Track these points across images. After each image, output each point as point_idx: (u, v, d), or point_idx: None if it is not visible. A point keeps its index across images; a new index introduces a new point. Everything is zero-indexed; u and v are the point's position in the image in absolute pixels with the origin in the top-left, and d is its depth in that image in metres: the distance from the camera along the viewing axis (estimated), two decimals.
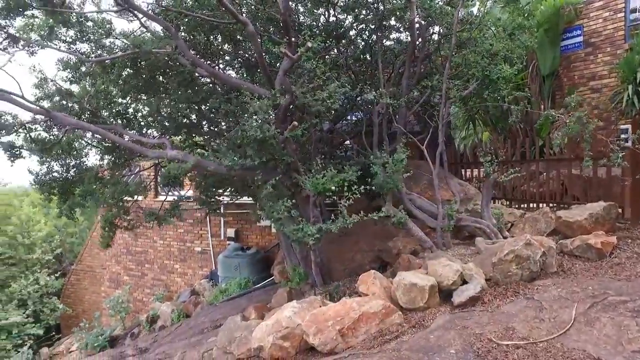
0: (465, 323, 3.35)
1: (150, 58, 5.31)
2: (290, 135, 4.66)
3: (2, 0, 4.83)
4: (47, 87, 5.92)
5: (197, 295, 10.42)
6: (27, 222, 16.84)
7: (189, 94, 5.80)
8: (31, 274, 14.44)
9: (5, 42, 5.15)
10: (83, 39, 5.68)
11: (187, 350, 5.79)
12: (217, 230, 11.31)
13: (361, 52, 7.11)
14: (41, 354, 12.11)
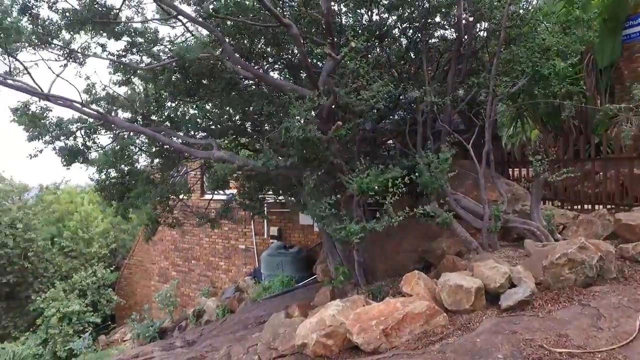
0: (513, 328, 3.24)
1: (196, 64, 5.51)
2: (334, 135, 4.69)
3: (65, 18, 5.18)
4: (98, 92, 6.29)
5: (241, 292, 10.71)
6: (86, 219, 17.96)
7: (233, 97, 5.98)
8: (90, 266, 15.40)
9: (65, 55, 5.53)
10: (133, 49, 5.99)
11: (232, 344, 5.97)
12: (261, 229, 11.56)
13: (404, 50, 7.03)
14: (99, 341, 12.90)
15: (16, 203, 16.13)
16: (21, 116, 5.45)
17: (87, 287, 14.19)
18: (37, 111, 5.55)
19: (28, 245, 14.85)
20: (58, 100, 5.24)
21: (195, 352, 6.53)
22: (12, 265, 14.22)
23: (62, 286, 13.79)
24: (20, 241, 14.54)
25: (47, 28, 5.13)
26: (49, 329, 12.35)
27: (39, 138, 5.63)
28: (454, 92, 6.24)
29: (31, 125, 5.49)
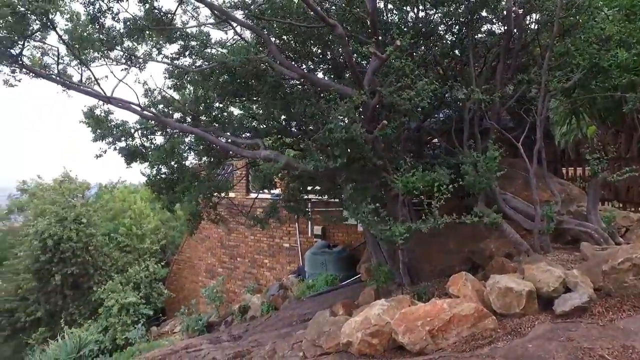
0: (570, 335, 3.10)
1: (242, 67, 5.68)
2: (380, 135, 4.67)
3: (126, 27, 5.53)
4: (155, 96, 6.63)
5: (285, 290, 10.88)
6: (139, 216, 18.92)
7: (278, 97, 6.10)
8: (142, 261, 16.19)
9: (125, 61, 5.90)
10: (185, 52, 6.27)
11: (277, 340, 6.09)
12: (305, 228, 11.69)
13: (450, 47, 6.88)
14: (151, 332, 13.56)
15: (79, 200, 17.27)
16: (88, 119, 5.87)
17: (141, 280, 14.95)
18: (101, 114, 5.96)
19: (89, 239, 15.84)
20: (119, 103, 5.61)
21: (241, 347, 6.71)
22: (76, 258, 15.21)
23: (119, 279, 14.62)
24: (82, 236, 15.54)
25: (111, 36, 5.49)
26: (109, 318, 13.15)
27: (102, 139, 6.04)
28: (502, 88, 6.03)
29: (96, 127, 5.90)
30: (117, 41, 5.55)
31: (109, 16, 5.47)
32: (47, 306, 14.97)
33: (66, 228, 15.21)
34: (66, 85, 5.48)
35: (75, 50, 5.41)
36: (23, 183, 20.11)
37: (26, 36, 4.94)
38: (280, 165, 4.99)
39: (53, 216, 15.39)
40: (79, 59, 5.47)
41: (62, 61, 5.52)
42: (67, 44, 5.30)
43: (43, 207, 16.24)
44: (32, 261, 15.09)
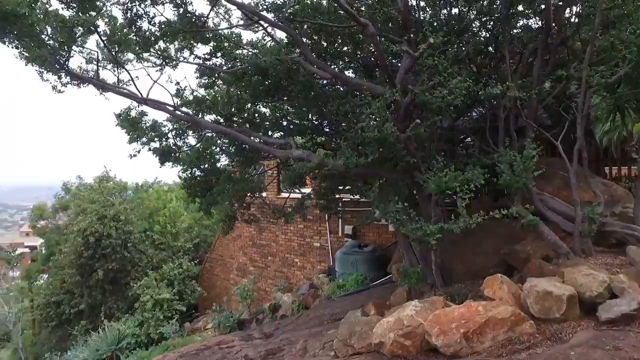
0: (616, 343, 2.95)
1: (273, 67, 5.74)
2: (412, 134, 4.62)
3: (161, 29, 5.73)
4: (187, 96, 6.80)
5: (315, 289, 10.92)
6: (173, 214, 19.48)
7: (310, 97, 6.12)
8: (176, 259, 16.65)
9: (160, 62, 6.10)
10: (217, 53, 6.41)
11: (308, 339, 6.13)
12: (336, 227, 11.69)
13: (484, 44, 6.71)
14: (185, 327, 13.94)
15: (118, 199, 17.95)
16: (123, 121, 6.10)
17: (175, 277, 15.37)
18: (135, 116, 6.18)
19: (127, 237, 16.45)
20: (154, 103, 5.79)
21: (273, 345, 6.78)
22: (116, 254, 15.85)
23: (154, 275, 15.08)
24: (121, 233, 16.16)
25: (147, 39, 5.70)
26: (144, 313, 13.61)
27: (137, 140, 6.26)
28: (539, 85, 5.83)
29: (131, 129, 6.12)
30: (152, 43, 5.72)
31: (145, 20, 5.66)
32: (89, 300, 15.66)
33: (106, 226, 15.85)
34: (104, 87, 5.71)
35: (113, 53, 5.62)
36: (66, 183, 21.08)
37: (71, 45, 5.19)
38: (313, 164, 5.01)
39: (94, 214, 16.08)
40: (116, 62, 5.69)
41: (100, 65, 5.77)
42: (107, 47, 5.53)
43: (84, 205, 16.98)
44: (76, 257, 15.82)
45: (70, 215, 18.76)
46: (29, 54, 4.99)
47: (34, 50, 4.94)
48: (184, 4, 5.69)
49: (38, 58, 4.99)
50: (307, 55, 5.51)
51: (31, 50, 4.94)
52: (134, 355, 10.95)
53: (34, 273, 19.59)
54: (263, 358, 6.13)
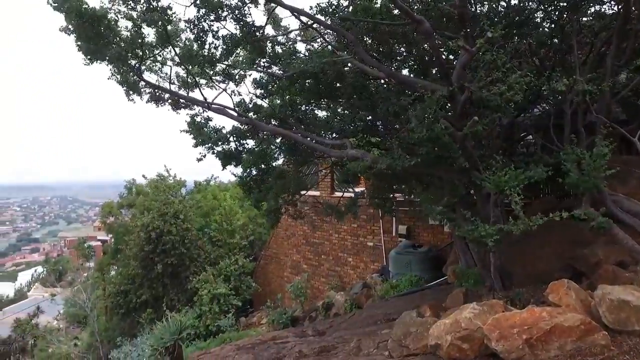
0: None
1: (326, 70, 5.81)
2: (469, 132, 4.49)
3: (224, 42, 6.05)
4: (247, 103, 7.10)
5: (368, 289, 10.87)
6: (229, 212, 20.19)
7: (363, 97, 6.13)
8: (232, 255, 17.24)
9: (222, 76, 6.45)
10: (276, 62, 6.62)
11: (362, 338, 6.13)
12: (389, 227, 11.58)
13: (548, 35, 6.35)
14: (240, 322, 14.42)
15: (178, 197, 18.92)
16: (190, 126, 6.50)
17: (231, 273, 15.93)
18: (200, 121, 6.56)
19: (185, 233, 17.28)
20: (217, 108, 6.13)
21: (326, 342, 6.85)
22: (175, 250, 16.72)
23: (211, 271, 15.73)
24: (180, 230, 17.02)
25: (211, 51, 6.05)
26: (202, 307, 14.24)
27: (202, 144, 6.65)
28: (613, 76, 5.42)
29: (197, 134, 6.50)
30: (216, 57, 6.06)
31: (210, 35, 6.02)
32: (152, 291, 16.63)
33: (166, 222, 16.75)
34: (177, 96, 6.14)
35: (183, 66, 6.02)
36: (132, 182, 22.50)
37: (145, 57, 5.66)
38: (367, 163, 5.01)
39: (155, 211, 17.04)
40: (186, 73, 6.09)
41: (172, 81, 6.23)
42: (180, 59, 5.95)
43: (147, 203, 18.05)
44: (139, 251, 16.86)
45: (134, 212, 20.00)
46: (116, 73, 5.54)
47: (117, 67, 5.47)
48: (242, 17, 5.95)
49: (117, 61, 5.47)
50: (362, 56, 5.51)
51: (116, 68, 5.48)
52: (193, 346, 11.51)
53: (105, 265, 21.13)
54: (317, 354, 6.20)
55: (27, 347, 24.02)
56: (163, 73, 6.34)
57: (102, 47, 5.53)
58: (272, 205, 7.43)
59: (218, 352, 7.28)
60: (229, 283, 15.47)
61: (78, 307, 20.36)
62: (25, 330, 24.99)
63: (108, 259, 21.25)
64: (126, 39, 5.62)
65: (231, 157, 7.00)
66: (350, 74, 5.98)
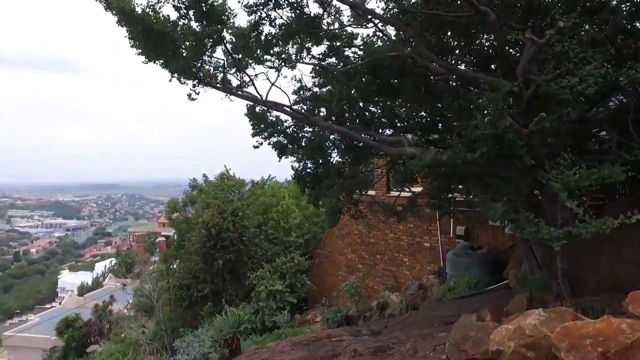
0: None
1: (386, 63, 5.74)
2: (535, 129, 4.24)
3: (281, 31, 6.14)
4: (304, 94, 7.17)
5: (424, 290, 10.64)
6: (286, 211, 20.59)
7: (422, 93, 5.99)
8: (288, 253, 17.55)
9: (279, 63, 6.56)
10: (331, 53, 6.62)
11: (418, 340, 6.01)
12: (447, 228, 11.25)
13: (628, 20, 5.83)
14: (295, 319, 14.66)
15: (236, 196, 19.58)
16: (251, 115, 6.72)
17: (287, 270, 16.21)
18: (259, 112, 6.77)
19: (243, 230, 17.85)
20: (271, 104, 6.26)
21: (381, 342, 6.79)
22: (233, 246, 17.32)
23: (268, 268, 16.12)
24: (238, 227, 17.61)
25: (268, 41, 6.18)
26: (259, 302, 14.64)
27: (260, 134, 6.84)
28: None
29: (256, 122, 6.72)
30: (272, 46, 6.17)
31: (267, 23, 6.13)
32: (212, 285, 17.34)
33: (226, 220, 17.39)
34: (230, 91, 6.33)
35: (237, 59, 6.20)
36: (194, 180, 23.61)
37: (202, 55, 5.88)
38: (426, 162, 4.90)
39: (215, 209, 17.75)
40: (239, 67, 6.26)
41: (225, 71, 6.40)
42: (231, 54, 6.13)
43: (208, 200, 18.84)
44: (200, 246, 17.65)
45: (196, 209, 20.96)
46: (170, 67, 5.79)
47: (174, 63, 5.71)
48: (300, 7, 6.01)
49: (178, 69, 5.75)
50: (421, 50, 5.39)
51: (172, 63, 5.72)
52: (249, 340, 11.87)
53: (169, 258, 22.34)
54: (372, 354, 6.17)
55: (104, 330, 26.24)
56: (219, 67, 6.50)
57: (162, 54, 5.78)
58: (333, 205, 7.47)
59: (274, 347, 7.46)
60: (284, 280, 15.76)
61: (145, 297, 21.76)
62: (101, 316, 27.39)
63: (172, 253, 22.45)
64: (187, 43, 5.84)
65: (287, 149, 7.13)
66: (412, 69, 5.85)
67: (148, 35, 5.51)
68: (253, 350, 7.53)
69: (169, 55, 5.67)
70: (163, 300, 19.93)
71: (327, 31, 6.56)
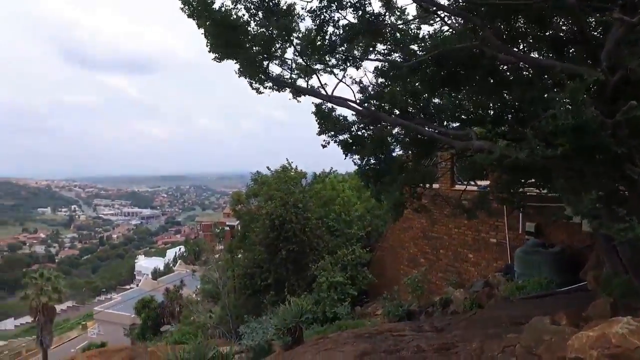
0: None
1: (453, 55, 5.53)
2: (624, 118, 3.89)
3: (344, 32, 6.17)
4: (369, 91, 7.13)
5: (490, 288, 10.22)
6: (347, 203, 20.67)
7: (491, 84, 5.70)
8: (349, 245, 17.64)
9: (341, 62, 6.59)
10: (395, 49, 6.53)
11: (485, 340, 5.80)
12: (515, 223, 10.69)
13: None
14: (355, 311, 14.74)
15: (298, 188, 19.97)
16: (317, 113, 6.85)
17: (348, 262, 16.32)
18: (325, 110, 6.85)
19: (305, 222, 18.18)
20: (337, 100, 6.31)
21: (445, 339, 6.63)
22: (296, 237, 17.73)
23: (329, 259, 16.31)
24: (300, 219, 17.98)
25: (332, 41, 6.23)
26: (320, 293, 14.89)
27: (326, 132, 6.92)
28: None
29: (322, 120, 6.81)
30: (337, 46, 6.20)
31: (331, 24, 6.17)
32: (275, 275, 17.90)
33: (288, 211, 17.81)
34: (297, 90, 6.48)
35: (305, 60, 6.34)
36: (257, 173, 24.38)
37: (271, 52, 6.09)
38: (495, 156, 4.67)
39: (278, 201, 18.22)
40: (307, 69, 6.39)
41: (293, 71, 6.56)
42: (299, 54, 6.27)
43: (271, 192, 19.38)
44: (264, 237, 18.24)
45: (259, 201, 21.64)
46: (243, 67, 6.07)
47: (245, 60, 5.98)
48: (362, 7, 5.98)
49: (248, 65, 5.99)
50: (490, 40, 5.12)
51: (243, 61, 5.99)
52: (311, 329, 12.12)
53: (234, 248, 23.35)
54: (435, 351, 6.06)
55: (175, 312, 28.25)
56: (286, 63, 6.71)
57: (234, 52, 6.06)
58: (397, 199, 7.39)
59: (336, 337, 7.56)
60: (345, 272, 15.88)
61: (212, 284, 22.96)
62: (173, 299, 29.47)
63: (236, 242, 23.42)
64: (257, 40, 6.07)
65: (352, 146, 7.14)
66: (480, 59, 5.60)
67: (222, 31, 5.80)
68: (315, 340, 7.67)
69: (240, 52, 5.93)
70: (228, 288, 20.92)
71: (391, 29, 6.49)
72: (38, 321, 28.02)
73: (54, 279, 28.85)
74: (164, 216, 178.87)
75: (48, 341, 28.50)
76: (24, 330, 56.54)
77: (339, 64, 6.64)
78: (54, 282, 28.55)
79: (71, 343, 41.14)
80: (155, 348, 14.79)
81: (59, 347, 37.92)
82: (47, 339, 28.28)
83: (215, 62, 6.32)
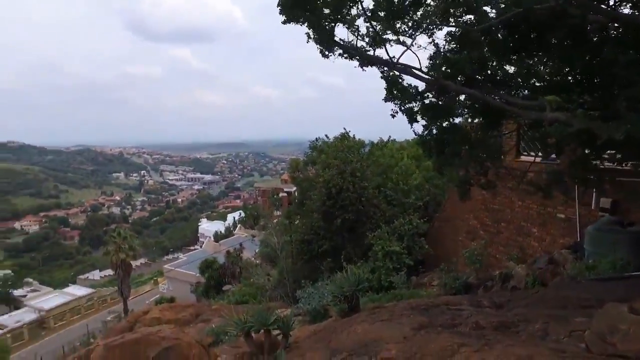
0: None
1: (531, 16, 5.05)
2: None
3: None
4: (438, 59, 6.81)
5: (555, 265, 9.72)
6: (405, 172, 20.32)
7: (574, 48, 5.17)
8: (407, 215, 17.44)
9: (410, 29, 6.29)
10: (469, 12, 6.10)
11: (549, 321, 5.56)
12: (587, 199, 9.96)
13: None
14: (411, 281, 14.73)
15: (355, 156, 19.88)
16: (386, 79, 6.66)
17: (404, 232, 16.20)
18: (392, 77, 6.67)
19: (362, 191, 18.16)
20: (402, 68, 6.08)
21: (505, 317, 6.44)
22: (352, 206, 17.82)
23: (386, 229, 16.27)
24: (357, 187, 17.97)
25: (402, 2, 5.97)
26: (376, 262, 15.00)
27: (392, 100, 6.75)
28: None
29: (390, 87, 6.63)
30: (409, 9, 5.92)
31: None
32: (331, 242, 18.23)
33: (345, 180, 17.85)
34: (364, 57, 6.32)
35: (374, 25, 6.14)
36: (315, 141, 24.51)
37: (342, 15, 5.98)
38: (574, 129, 4.29)
39: (335, 169, 18.27)
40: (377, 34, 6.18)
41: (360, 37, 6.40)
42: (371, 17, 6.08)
43: (328, 161, 19.46)
44: (321, 204, 18.51)
45: (317, 169, 21.84)
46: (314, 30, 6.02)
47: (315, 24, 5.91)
48: None
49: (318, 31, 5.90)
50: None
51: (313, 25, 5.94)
52: (366, 297, 12.29)
53: (292, 215, 23.98)
54: (495, 329, 5.93)
55: (235, 273, 30.02)
56: (354, 27, 6.55)
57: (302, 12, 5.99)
58: (462, 177, 7.11)
59: (392, 308, 7.61)
60: (402, 242, 15.81)
61: (270, 248, 23.90)
62: (233, 261, 31.23)
63: (294, 209, 24.01)
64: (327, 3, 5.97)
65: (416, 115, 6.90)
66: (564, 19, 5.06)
67: None
68: (372, 309, 7.78)
69: (309, 15, 5.87)
70: (286, 253, 21.66)
71: None
72: (118, 275, 31.75)
73: (130, 238, 32.00)
74: (224, 182, 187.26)
75: (127, 292, 32.45)
76: (107, 281, 63.91)
77: (409, 31, 6.35)
78: (130, 241, 31.73)
79: (145, 295, 46.12)
80: (218, 306, 15.83)
81: (136, 298, 43.01)
82: (126, 290, 32.18)
83: (283, 25, 6.33)
